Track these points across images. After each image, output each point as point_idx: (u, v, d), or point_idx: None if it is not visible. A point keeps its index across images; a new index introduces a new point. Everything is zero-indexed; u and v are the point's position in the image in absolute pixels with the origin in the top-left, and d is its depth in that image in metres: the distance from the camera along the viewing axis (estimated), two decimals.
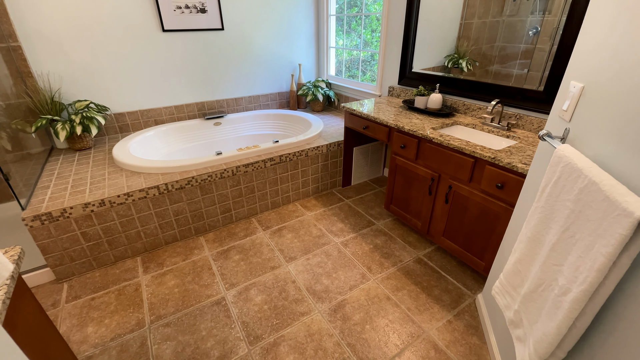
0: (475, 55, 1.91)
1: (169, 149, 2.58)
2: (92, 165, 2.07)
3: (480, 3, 1.81)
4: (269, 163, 2.17)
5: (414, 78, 2.30)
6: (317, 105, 3.19)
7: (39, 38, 2.10)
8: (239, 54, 2.87)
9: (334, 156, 2.51)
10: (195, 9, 2.53)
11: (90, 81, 2.35)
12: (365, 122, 2.15)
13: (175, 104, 2.74)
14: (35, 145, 2.24)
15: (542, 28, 1.57)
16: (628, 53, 0.71)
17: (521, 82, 1.70)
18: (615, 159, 0.73)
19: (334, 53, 3.26)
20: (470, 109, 1.96)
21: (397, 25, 2.33)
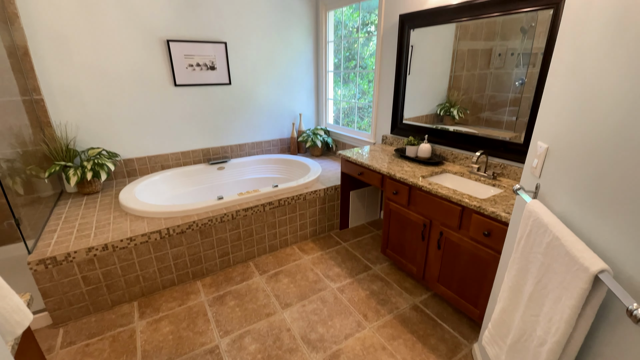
0: (466, 104, 2.04)
1: (173, 193, 2.68)
2: (99, 209, 2.16)
3: (468, 58, 1.97)
4: (268, 207, 2.25)
5: (405, 128, 2.47)
6: (316, 150, 3.35)
7: (61, 91, 2.31)
8: (244, 105, 3.09)
9: (331, 199, 2.59)
10: (205, 67, 2.79)
11: (104, 129, 2.52)
12: (360, 168, 2.26)
13: (181, 150, 2.90)
14: (46, 189, 2.36)
15: (527, 79, 1.67)
16: (584, 122, 0.82)
17: (512, 128, 1.79)
18: (578, 216, 0.81)
19: (332, 104, 3.50)
20: (458, 158, 2.09)
21: (388, 80, 2.55)
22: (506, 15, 1.69)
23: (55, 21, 2.17)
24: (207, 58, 2.78)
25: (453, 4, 1.90)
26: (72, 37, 2.25)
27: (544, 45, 1.56)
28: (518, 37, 1.68)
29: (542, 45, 1.57)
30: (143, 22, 2.45)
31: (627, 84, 0.66)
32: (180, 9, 2.56)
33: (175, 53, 2.63)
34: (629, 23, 0.66)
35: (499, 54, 1.80)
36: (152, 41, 2.52)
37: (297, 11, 3.11)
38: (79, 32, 2.26)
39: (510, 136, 1.80)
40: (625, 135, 0.66)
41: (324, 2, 3.09)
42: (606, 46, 0.73)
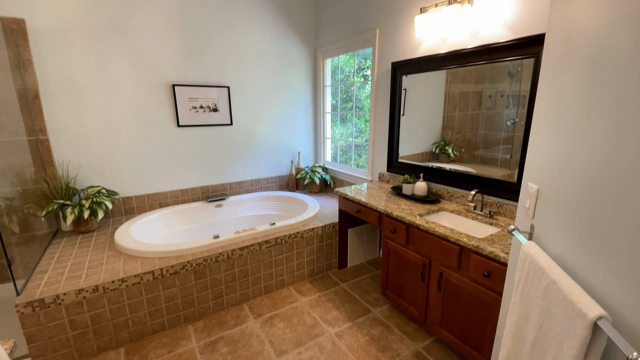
0: (460, 142, 2.09)
1: (170, 231, 2.66)
2: (93, 248, 2.13)
3: (459, 99, 2.04)
4: (265, 245, 2.22)
5: (401, 167, 2.51)
6: (314, 187, 3.38)
7: (66, 131, 2.39)
8: (244, 144, 3.17)
9: (329, 237, 2.57)
10: (208, 109, 2.91)
11: (105, 168, 2.57)
12: (357, 206, 2.27)
13: (181, 187, 2.93)
14: (42, 227, 2.34)
15: (518, 119, 1.73)
16: (569, 165, 0.84)
17: (507, 165, 1.81)
18: (573, 258, 0.81)
19: (329, 142, 3.59)
20: (455, 196, 2.10)
21: (383, 121, 2.64)
22: (491, 63, 1.80)
23: (67, 66, 2.30)
24: (210, 101, 2.91)
25: (441, 53, 2.03)
26: (82, 81, 2.37)
27: (529, 88, 1.65)
28: (506, 81, 1.77)
29: (529, 88, 1.65)
30: (151, 67, 2.60)
31: (605, 129, 0.69)
32: (187, 56, 2.73)
33: (180, 96, 2.76)
34: (601, 72, 0.71)
35: (489, 96, 1.88)
36: (158, 85, 2.66)
37: (297, 59, 3.31)
38: (89, 76, 2.38)
39: (505, 174, 1.83)
40: (607, 179, 0.68)
41: (322, 51, 3.31)
42: (583, 93, 0.78)
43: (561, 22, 0.91)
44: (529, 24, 1.60)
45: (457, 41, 1.96)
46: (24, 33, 2.11)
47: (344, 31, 2.94)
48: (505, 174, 1.84)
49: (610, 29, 0.69)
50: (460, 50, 1.92)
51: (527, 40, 1.60)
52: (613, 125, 0.67)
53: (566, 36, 0.88)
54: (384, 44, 2.51)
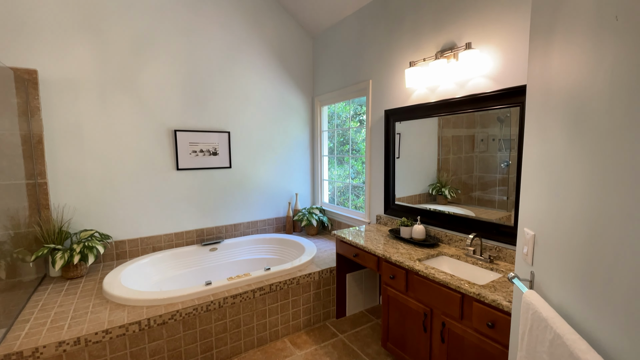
0: (456, 184, 2.11)
1: (162, 277, 2.56)
2: (80, 295, 2.03)
3: (452, 143, 2.10)
4: (259, 293, 2.13)
5: (398, 209, 2.51)
6: (312, 229, 3.34)
7: (66, 175, 2.41)
8: (242, 186, 3.20)
9: (326, 283, 2.47)
10: (208, 152, 2.98)
11: (100, 211, 2.55)
12: (355, 250, 2.22)
13: (176, 231, 2.89)
14: (30, 272, 2.25)
15: (511, 161, 1.76)
16: (560, 211, 0.85)
17: (504, 207, 1.81)
18: (576, 309, 0.77)
19: (327, 184, 3.63)
20: (453, 240, 2.07)
21: (379, 164, 2.69)
22: (479, 111, 1.89)
23: (73, 113, 2.40)
24: (210, 145, 2.99)
25: (431, 102, 2.14)
26: (86, 127, 2.45)
27: (518, 133, 1.71)
28: (496, 125, 1.84)
29: (518, 133, 1.71)
30: (154, 114, 2.70)
31: (592, 178, 0.70)
32: (190, 103, 2.86)
33: (181, 141, 2.84)
34: (582, 123, 0.75)
35: (482, 140, 1.93)
36: (160, 131, 2.75)
37: (295, 106, 3.47)
38: (93, 122, 2.47)
39: (503, 216, 1.83)
40: (601, 228, 0.68)
41: (319, 99, 3.48)
42: (567, 143, 0.81)
43: (540, 76, 0.98)
44: (511, 76, 1.71)
45: (445, 91, 2.08)
46: (35, 82, 2.23)
47: (339, 81, 3.12)
48: (502, 217, 1.83)
49: (586, 82, 0.74)
50: (449, 100, 2.03)
51: (511, 91, 1.69)
52: (599, 175, 0.69)
53: (546, 89, 0.93)
54: (377, 93, 2.65)
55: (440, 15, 2.06)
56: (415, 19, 2.26)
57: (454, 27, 1.99)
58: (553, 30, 0.90)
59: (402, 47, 2.38)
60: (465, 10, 1.91)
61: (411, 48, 2.30)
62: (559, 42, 0.87)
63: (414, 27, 2.26)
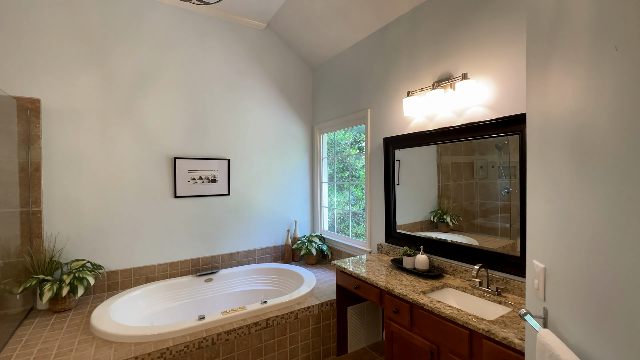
0: (457, 211, 2.06)
1: (153, 309, 2.45)
2: (65, 331, 1.92)
3: (452, 170, 2.08)
4: (255, 328, 2.02)
5: (399, 237, 2.45)
6: (311, 258, 3.25)
7: (61, 203, 2.37)
8: (240, 214, 3.15)
9: (326, 317, 2.35)
10: (207, 180, 2.96)
11: (94, 240, 2.48)
12: (356, 281, 2.14)
13: (170, 260, 2.80)
14: (16, 305, 2.15)
15: (512, 188, 1.74)
16: (568, 244, 0.80)
17: (507, 234, 1.76)
18: (597, 352, 0.71)
19: (327, 211, 3.57)
20: (458, 271, 2.00)
21: (379, 192, 2.66)
22: (478, 139, 1.89)
23: (73, 141, 2.40)
24: (209, 172, 2.97)
25: (429, 130, 2.15)
26: (86, 155, 2.45)
27: (519, 160, 1.70)
28: (495, 153, 1.83)
29: (518, 159, 1.70)
30: (154, 142, 2.72)
31: (602, 209, 0.67)
32: (191, 131, 2.88)
33: (180, 168, 2.83)
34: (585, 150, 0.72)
35: (481, 167, 1.92)
36: (159, 159, 2.74)
37: (294, 134, 3.50)
38: (93, 150, 2.47)
39: (507, 244, 1.77)
40: (617, 261, 0.63)
41: (318, 127, 3.52)
42: (571, 172, 0.78)
43: (539, 105, 0.97)
44: (509, 104, 1.72)
45: (443, 120, 2.09)
46: (37, 111, 2.25)
47: (338, 110, 3.17)
48: (507, 245, 1.78)
49: (587, 113, 0.73)
50: (447, 128, 2.03)
51: (509, 119, 1.70)
52: (608, 207, 0.65)
53: (545, 118, 0.92)
54: (376, 122, 2.68)
55: (437, 47, 2.13)
56: (412, 51, 2.33)
57: (450, 58, 2.04)
58: (550, 59, 0.91)
59: (399, 78, 2.44)
60: (461, 43, 1.97)
61: (408, 78, 2.35)
62: (556, 72, 0.87)
63: (411, 58, 2.33)
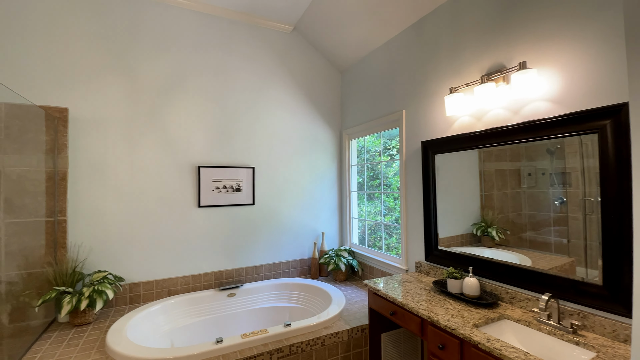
0: (503, 224, 1.81)
1: (173, 325, 2.32)
2: (81, 348, 1.83)
3: (496, 177, 1.84)
4: (276, 355, 1.80)
5: (442, 256, 2.14)
6: (340, 274, 3.00)
7: (85, 213, 2.33)
8: (265, 224, 2.99)
9: (357, 345, 2.09)
10: (231, 189, 2.84)
11: (117, 251, 2.42)
12: (392, 306, 1.86)
13: (193, 273, 2.68)
14: (38, 317, 2.11)
15: (568, 199, 1.50)
16: None
17: (564, 251, 1.50)
18: None
19: (356, 222, 3.32)
20: (517, 299, 1.66)
21: (416, 202, 2.38)
22: (541, 140, 1.58)
23: (99, 150, 2.37)
24: (234, 181, 2.85)
25: (478, 131, 1.86)
26: (111, 164, 2.41)
27: (579, 165, 1.44)
28: (546, 158, 1.60)
29: (576, 165, 1.46)
30: (179, 151, 2.64)
31: None
32: (215, 139, 2.79)
33: (204, 177, 2.73)
34: None
35: (529, 174, 1.69)
36: (184, 167, 2.66)
37: (322, 140, 3.31)
38: (118, 159, 2.43)
39: (565, 262, 1.51)
40: None
41: (347, 133, 3.30)
42: None
43: None
44: (581, 98, 1.41)
45: (495, 118, 1.80)
46: (65, 120, 2.25)
47: (369, 114, 2.94)
48: (565, 263, 1.52)
49: None
50: (499, 128, 1.74)
51: (584, 115, 1.38)
52: None
53: None
54: (412, 124, 2.42)
55: (485, 35, 1.85)
56: (454, 43, 2.06)
57: (502, 47, 1.75)
58: None
59: (439, 74, 2.17)
60: (516, 28, 1.68)
61: (451, 73, 2.08)
62: None
63: (454, 51, 2.06)
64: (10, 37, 2.14)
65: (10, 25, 2.15)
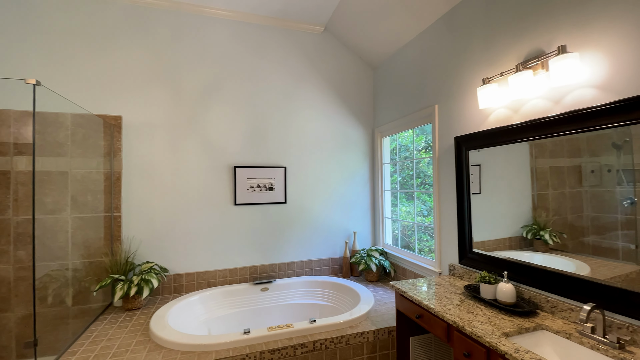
0: (559, 227, 1.61)
1: (209, 316, 2.48)
2: (129, 330, 2.04)
3: (551, 175, 1.65)
4: (300, 350, 1.84)
5: (477, 259, 2.01)
6: (371, 275, 2.95)
7: (136, 209, 2.59)
8: (296, 222, 3.06)
9: (384, 347, 2.05)
10: (265, 188, 2.95)
11: (162, 244, 2.66)
12: (417, 309, 1.79)
13: (230, 267, 2.84)
14: (97, 300, 2.40)
15: (638, 198, 1.30)
16: None
17: (632, 258, 1.30)
18: None
19: (390, 223, 3.24)
20: (559, 309, 1.50)
21: (450, 202, 2.26)
22: (587, 131, 1.41)
23: (147, 152, 2.63)
24: (267, 180, 2.96)
25: (515, 124, 1.71)
26: (157, 165, 2.65)
27: None
28: (612, 153, 1.38)
29: None
30: (217, 152, 2.82)
31: None
32: (250, 140, 2.92)
33: (240, 177, 2.88)
34: None
35: (592, 171, 1.48)
36: (221, 167, 2.84)
37: (354, 139, 3.29)
38: (163, 160, 2.67)
39: (632, 271, 1.29)
40: None
41: (379, 130, 3.24)
42: None
43: None
44: (633, 83, 1.23)
45: (533, 109, 1.64)
46: (119, 127, 2.52)
47: (401, 110, 2.85)
48: (632, 272, 1.29)
49: None
50: (539, 120, 1.58)
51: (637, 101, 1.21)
52: None
53: None
54: (445, 119, 2.30)
55: (521, 20, 1.70)
56: (488, 31, 1.92)
57: (540, 30, 1.60)
58: None
59: (472, 64, 2.04)
60: (554, 10, 1.52)
61: (484, 64, 1.94)
62: None
63: (487, 39, 1.92)
64: (72, 56, 2.47)
65: (73, 46, 2.47)
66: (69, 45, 2.46)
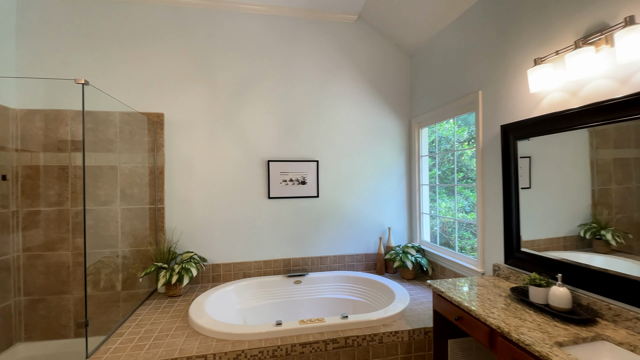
0: (624, 226, 1.42)
1: (244, 306, 2.55)
2: (170, 315, 2.16)
3: (615, 168, 1.45)
4: (332, 345, 1.81)
5: (525, 259, 1.83)
6: (407, 272, 2.84)
7: (178, 202, 2.73)
8: (329, 217, 3.03)
9: (419, 348, 1.95)
10: (297, 182, 2.96)
11: (201, 235, 2.77)
12: (457, 310, 1.68)
13: (264, 258, 2.90)
14: (144, 286, 2.58)
15: None
16: None
17: None
18: None
19: (427, 219, 3.09)
20: (622, 317, 1.31)
21: (495, 197, 2.08)
22: None
23: (187, 147, 2.75)
24: (299, 174, 2.96)
25: (573, 109, 1.51)
26: (197, 159, 2.77)
27: None
28: None
29: None
30: (251, 146, 2.88)
31: None
32: (283, 134, 2.94)
33: (273, 171, 2.91)
34: None
35: None
36: (256, 161, 2.89)
37: (389, 131, 3.17)
38: (201, 155, 2.78)
39: None
40: None
41: (416, 121, 3.09)
42: None
43: None
44: None
45: (595, 91, 1.44)
46: (161, 124, 2.66)
47: (440, 99, 2.68)
48: None
49: None
50: (602, 102, 1.38)
51: None
52: None
53: None
54: (489, 106, 2.11)
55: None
56: (539, 7, 1.72)
57: (601, 2, 1.39)
58: None
59: (521, 44, 1.84)
60: None
61: (535, 42, 1.74)
62: None
63: (539, 14, 1.72)
64: (119, 58, 2.64)
65: (122, 50, 2.64)
66: (116, 48, 2.63)
